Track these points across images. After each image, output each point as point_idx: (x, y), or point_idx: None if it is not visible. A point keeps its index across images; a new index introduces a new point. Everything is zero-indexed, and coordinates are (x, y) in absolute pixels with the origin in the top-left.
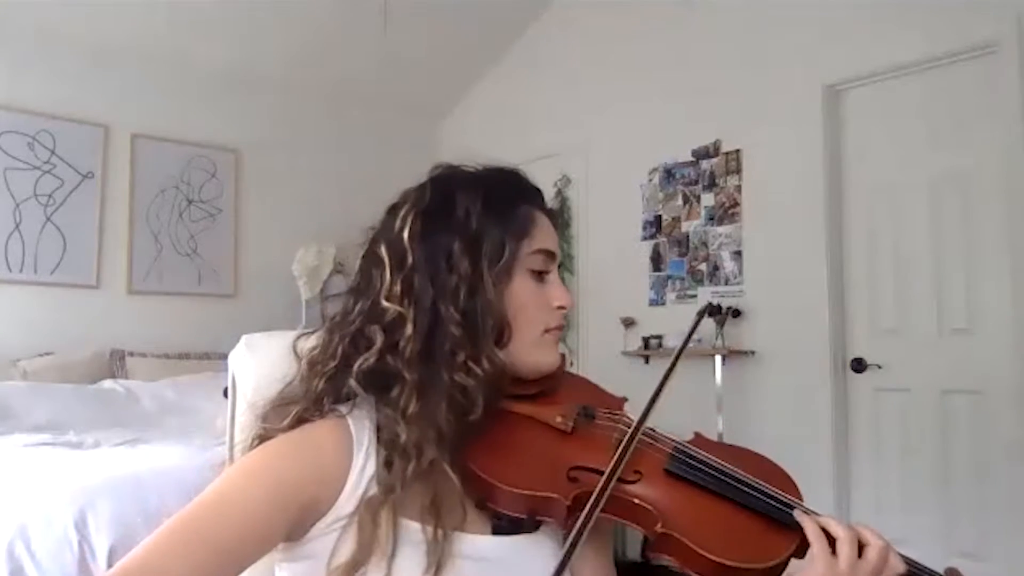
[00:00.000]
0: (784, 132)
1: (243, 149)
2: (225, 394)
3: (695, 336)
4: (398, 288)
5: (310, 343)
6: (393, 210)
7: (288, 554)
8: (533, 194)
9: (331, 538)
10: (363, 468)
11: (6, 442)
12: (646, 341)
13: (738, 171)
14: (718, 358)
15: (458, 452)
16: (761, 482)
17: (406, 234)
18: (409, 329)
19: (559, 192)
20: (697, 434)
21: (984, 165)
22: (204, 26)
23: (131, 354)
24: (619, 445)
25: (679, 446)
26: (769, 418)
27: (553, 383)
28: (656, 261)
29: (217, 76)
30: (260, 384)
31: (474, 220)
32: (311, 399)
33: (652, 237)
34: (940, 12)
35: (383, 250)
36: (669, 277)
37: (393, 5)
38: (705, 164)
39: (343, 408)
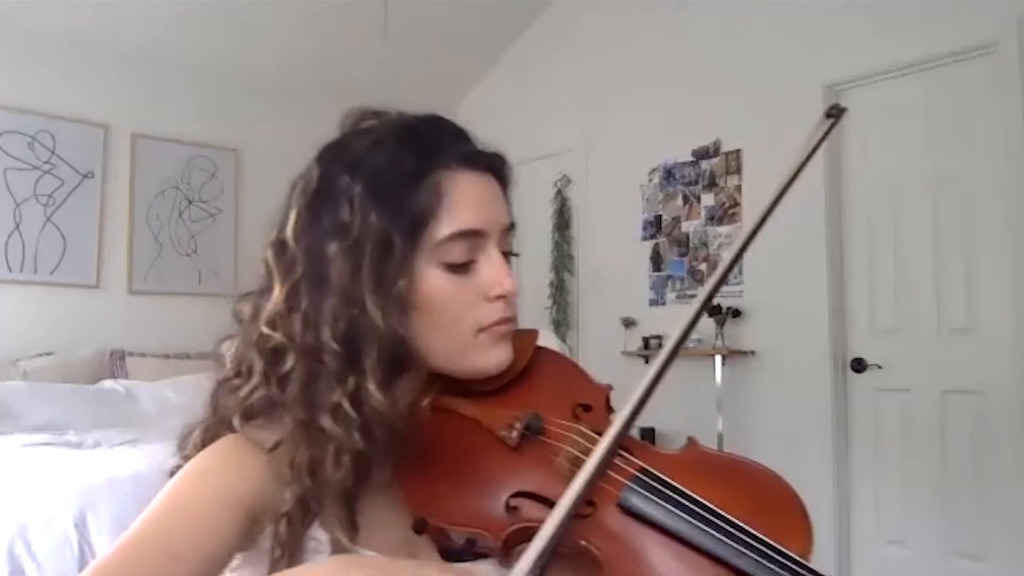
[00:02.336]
0: (784, 132)
1: (243, 149)
2: None
3: (695, 336)
4: (283, 305)
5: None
6: (291, 189)
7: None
8: (449, 148)
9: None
10: None
11: (6, 442)
12: (646, 341)
13: (738, 171)
14: (718, 358)
15: (354, 502)
16: (744, 524)
17: (289, 232)
18: (291, 360)
19: (559, 192)
20: (690, 440)
21: (984, 165)
22: (204, 26)
23: (131, 354)
24: (569, 470)
25: (642, 471)
26: (769, 418)
27: (518, 371)
28: (656, 261)
29: (217, 76)
30: None
31: (356, 212)
32: (218, 417)
33: (652, 237)
34: (940, 12)
35: (269, 253)
36: (669, 277)
37: (393, 5)
38: (705, 164)
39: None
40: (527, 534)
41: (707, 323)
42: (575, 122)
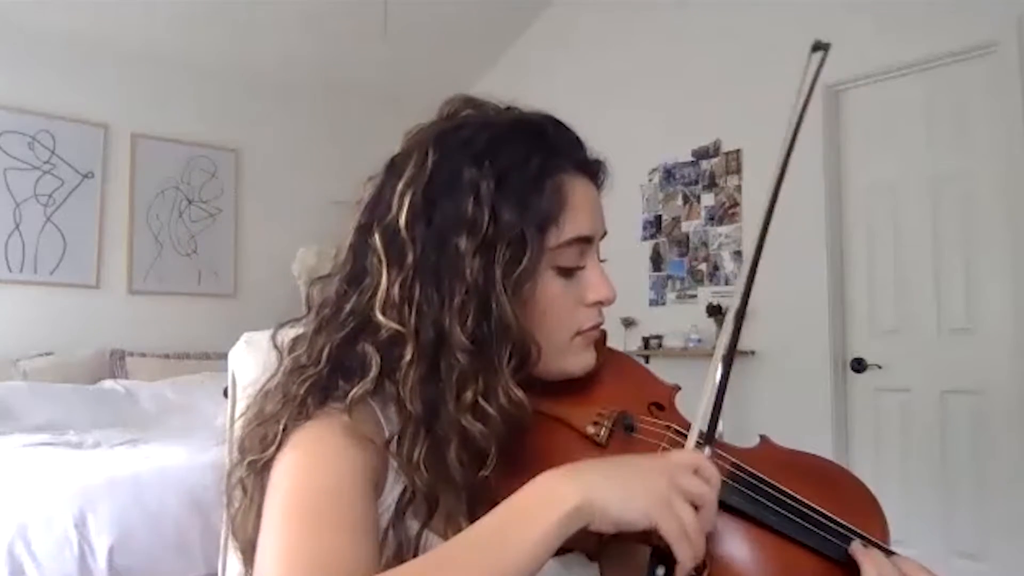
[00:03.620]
0: (784, 132)
1: (243, 149)
2: (225, 394)
3: (695, 336)
4: (396, 293)
5: (293, 334)
6: (392, 170)
7: None
8: (569, 153)
9: None
10: (398, 472)
11: (6, 442)
12: (646, 341)
13: (738, 171)
14: None
15: (478, 497)
16: (835, 516)
17: (403, 219)
18: (410, 352)
19: None
20: (763, 439)
21: (984, 165)
22: (204, 26)
23: (131, 354)
24: None
25: (737, 467)
26: (769, 418)
27: (592, 370)
28: (656, 261)
29: (217, 76)
30: (260, 384)
31: (485, 207)
32: (290, 408)
33: (652, 237)
34: (940, 12)
35: (377, 237)
36: (669, 277)
37: (393, 5)
38: (705, 164)
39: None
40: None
41: (707, 323)
42: (575, 122)
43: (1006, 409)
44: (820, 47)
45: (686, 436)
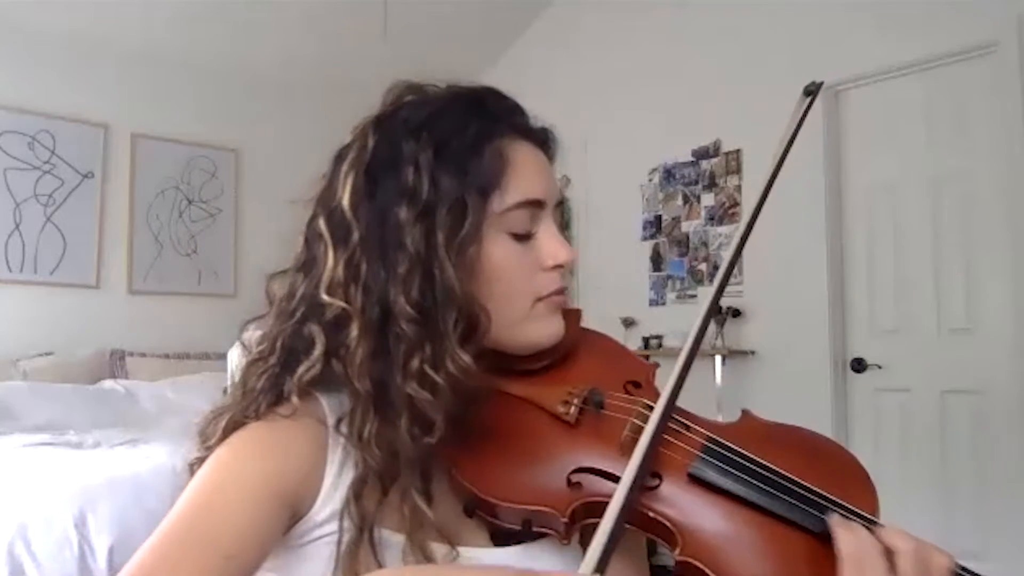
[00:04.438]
0: (784, 132)
1: (243, 149)
2: (225, 393)
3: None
4: (341, 273)
5: (261, 331)
6: (338, 160)
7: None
8: (507, 119)
9: (309, 552)
10: (340, 469)
11: (6, 442)
12: (646, 341)
13: (738, 171)
14: (718, 358)
15: (431, 469)
16: (816, 487)
17: (346, 200)
18: (356, 329)
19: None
20: (745, 413)
21: (984, 165)
22: (204, 26)
23: (131, 354)
24: (634, 442)
25: (711, 440)
26: (769, 418)
27: (565, 349)
28: (656, 261)
29: (217, 76)
30: None
31: (424, 176)
32: (247, 401)
33: (652, 237)
34: (940, 12)
35: (322, 222)
36: (669, 277)
37: (393, 5)
38: (705, 164)
39: (296, 401)
40: (592, 509)
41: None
42: (575, 122)
43: (1006, 409)
44: (811, 91)
45: (649, 410)
